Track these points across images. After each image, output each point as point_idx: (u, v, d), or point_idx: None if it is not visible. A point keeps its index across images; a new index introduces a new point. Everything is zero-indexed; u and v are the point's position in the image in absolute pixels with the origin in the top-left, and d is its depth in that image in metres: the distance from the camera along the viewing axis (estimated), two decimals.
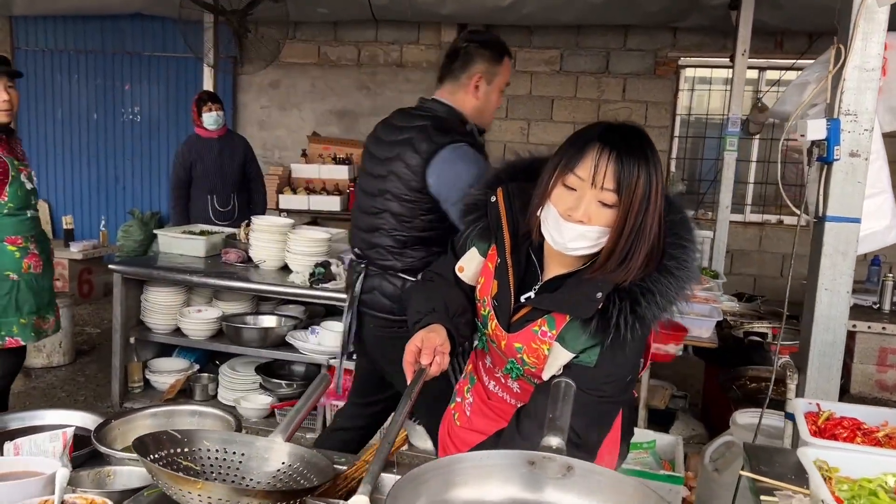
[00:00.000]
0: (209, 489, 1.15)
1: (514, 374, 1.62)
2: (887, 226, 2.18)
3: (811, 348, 2.02)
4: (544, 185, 1.46)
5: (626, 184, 1.37)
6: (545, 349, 1.49)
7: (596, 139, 1.40)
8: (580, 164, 1.39)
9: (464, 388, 1.81)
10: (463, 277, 1.65)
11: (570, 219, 1.40)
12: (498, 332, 1.57)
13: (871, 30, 1.88)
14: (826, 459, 1.36)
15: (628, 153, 1.38)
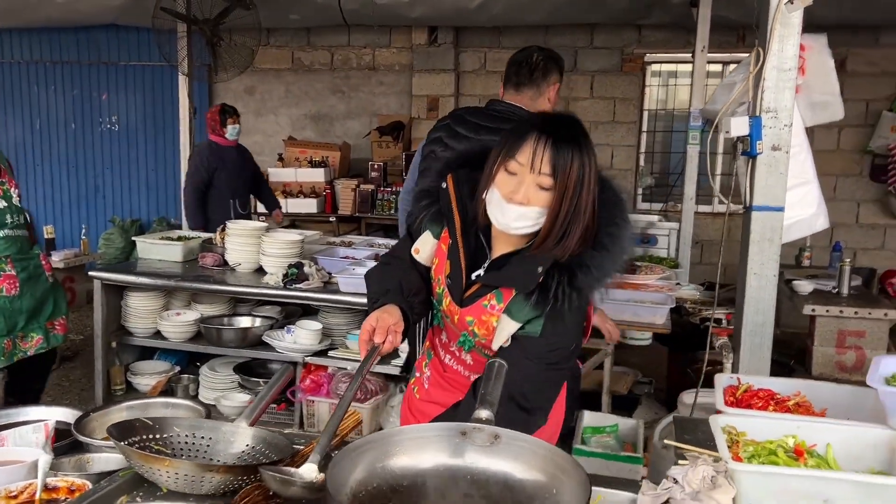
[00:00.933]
0: (176, 466, 1.29)
1: (467, 346, 1.75)
2: (813, 213, 2.34)
3: (743, 329, 2.18)
4: (489, 171, 1.61)
5: (560, 169, 1.52)
6: (493, 321, 1.63)
7: (534, 128, 1.55)
8: (520, 151, 1.55)
9: (422, 364, 1.94)
10: (419, 259, 1.78)
11: (512, 201, 1.55)
12: (451, 307, 1.70)
13: (786, 33, 2.04)
14: (735, 425, 1.52)
15: (563, 141, 1.53)
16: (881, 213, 7.03)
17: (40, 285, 3.16)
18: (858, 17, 6.29)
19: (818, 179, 2.37)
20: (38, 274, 3.16)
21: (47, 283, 3.21)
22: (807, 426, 1.49)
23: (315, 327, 3.70)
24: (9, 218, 3.04)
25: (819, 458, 1.43)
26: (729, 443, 1.45)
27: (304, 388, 3.63)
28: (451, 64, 7.48)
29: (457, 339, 1.77)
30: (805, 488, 1.28)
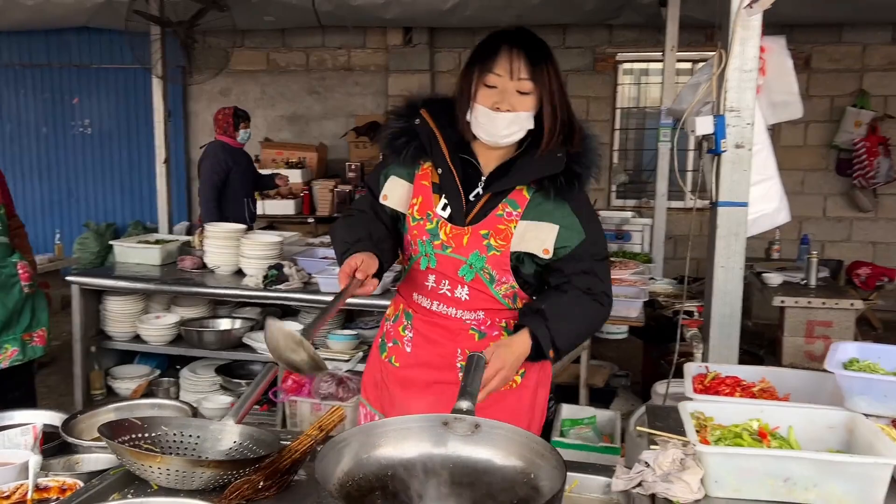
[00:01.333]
0: (167, 462, 1.33)
1: (470, 274, 1.74)
2: (776, 208, 2.44)
3: (712, 320, 2.27)
4: (467, 92, 1.69)
5: (538, 71, 1.64)
6: (512, 227, 1.70)
7: (503, 40, 1.67)
8: (496, 64, 1.65)
9: (398, 329, 1.89)
10: (389, 204, 1.82)
11: (499, 110, 1.65)
12: (455, 232, 1.72)
13: (747, 36, 2.13)
14: (703, 411, 1.59)
15: (532, 46, 1.66)
16: (847, 207, 7.21)
17: (13, 295, 3.05)
18: (821, 14, 6.45)
19: (782, 175, 2.47)
20: (12, 283, 3.05)
21: (21, 294, 3.08)
22: (770, 410, 1.56)
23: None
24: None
25: (781, 439, 1.50)
26: (697, 427, 1.53)
27: (286, 388, 3.67)
28: (426, 64, 7.54)
29: (457, 271, 1.75)
30: (767, 467, 1.35)
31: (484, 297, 1.76)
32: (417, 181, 1.79)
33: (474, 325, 1.80)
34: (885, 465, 1.31)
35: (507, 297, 1.77)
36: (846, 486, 1.32)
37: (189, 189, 8.39)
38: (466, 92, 1.69)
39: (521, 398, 1.84)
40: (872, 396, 1.54)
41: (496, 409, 1.74)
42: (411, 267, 1.83)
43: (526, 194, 1.72)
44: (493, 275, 1.73)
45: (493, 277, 1.73)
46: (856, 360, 1.70)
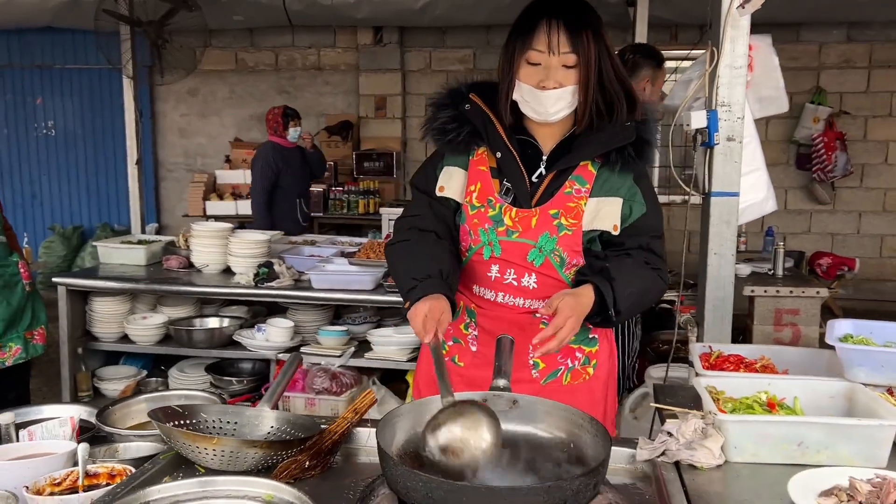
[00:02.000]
0: (223, 443, 1.38)
1: (540, 258, 1.68)
2: (764, 197, 2.58)
3: (706, 303, 2.39)
4: (509, 71, 1.64)
5: (580, 43, 1.58)
6: (583, 204, 1.66)
7: (541, 14, 1.60)
8: (535, 40, 1.59)
9: (460, 326, 1.82)
10: (448, 195, 1.74)
11: (545, 88, 1.60)
12: (521, 215, 1.67)
13: (736, 35, 2.25)
14: (715, 385, 1.70)
15: (572, 16, 1.59)
16: (807, 200, 7.49)
17: (17, 294, 3.09)
18: (780, 14, 6.68)
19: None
20: (15, 282, 3.09)
21: (24, 292, 3.13)
22: (777, 383, 1.68)
23: (287, 325, 3.77)
24: None
25: (788, 409, 1.62)
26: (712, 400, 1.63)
27: None
28: (396, 63, 7.59)
29: (525, 256, 1.68)
30: (782, 433, 1.46)
31: (553, 283, 1.70)
32: (473, 167, 1.73)
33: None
34: (888, 426, 1.43)
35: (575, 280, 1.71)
36: (854, 447, 1.44)
37: (158, 190, 8.30)
38: (509, 70, 1.64)
39: (594, 390, 1.83)
40: (870, 367, 1.67)
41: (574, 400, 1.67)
42: (470, 258, 1.75)
43: (592, 169, 1.67)
44: (563, 257, 1.68)
45: (564, 260, 1.69)
46: (850, 336, 1.83)
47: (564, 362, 1.81)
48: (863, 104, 7.24)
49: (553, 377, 1.80)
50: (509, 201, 1.69)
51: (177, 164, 8.29)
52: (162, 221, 8.27)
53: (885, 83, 7.22)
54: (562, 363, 1.81)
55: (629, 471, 1.56)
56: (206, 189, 7.13)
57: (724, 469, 1.47)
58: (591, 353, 1.83)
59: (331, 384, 3.57)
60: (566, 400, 1.61)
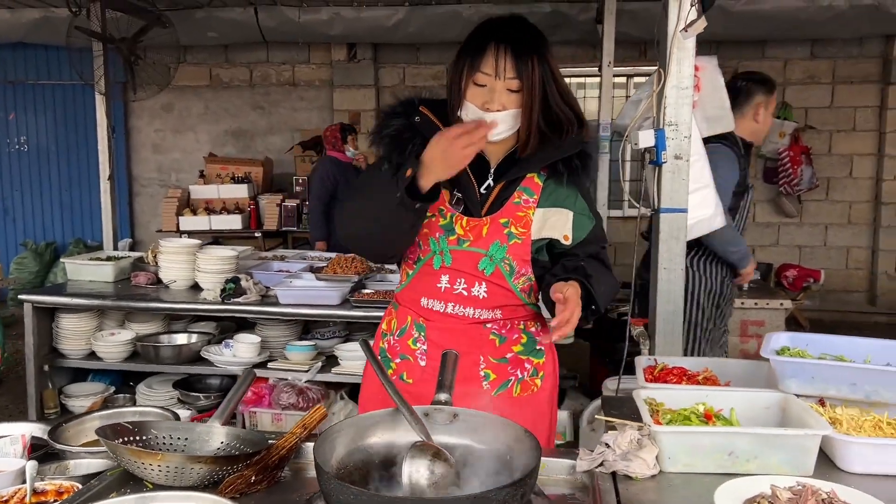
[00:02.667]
0: (167, 459, 1.41)
1: (490, 267, 1.72)
2: (712, 214, 2.65)
3: (657, 317, 2.46)
4: (457, 90, 1.69)
5: (524, 70, 1.64)
6: (531, 214, 1.72)
7: (490, 37, 1.65)
8: (483, 63, 1.64)
9: (408, 342, 1.82)
10: None
11: (489, 110, 1.65)
12: (472, 224, 1.72)
13: (682, 56, 2.33)
14: (654, 397, 1.76)
15: (519, 41, 1.65)
16: (774, 213, 7.63)
17: None
18: (746, 32, 6.85)
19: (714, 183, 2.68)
20: None
21: None
22: (714, 394, 1.74)
23: (254, 340, 3.79)
24: None
25: (725, 420, 1.68)
26: (650, 412, 1.69)
27: (246, 399, 3.71)
28: (370, 79, 7.66)
29: (475, 265, 1.72)
30: (714, 443, 1.52)
31: (503, 293, 1.74)
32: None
33: (494, 329, 1.78)
34: (813, 435, 1.49)
35: (524, 290, 1.78)
36: (782, 455, 1.50)
37: (132, 206, 8.28)
38: (458, 88, 1.69)
39: (541, 402, 1.88)
40: (802, 378, 1.73)
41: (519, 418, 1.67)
42: (419, 270, 1.78)
43: (538, 181, 1.74)
44: (513, 266, 1.73)
45: (513, 269, 1.73)
46: (787, 348, 1.89)
47: (514, 373, 1.85)
48: (827, 119, 7.41)
49: (503, 388, 1.84)
50: (460, 210, 1.74)
51: (151, 179, 8.28)
52: (136, 237, 8.25)
53: (848, 98, 7.39)
54: (512, 374, 1.84)
55: (569, 481, 1.60)
56: (180, 204, 7.13)
57: (658, 479, 1.52)
58: (539, 365, 1.88)
59: (297, 399, 3.59)
60: (515, 412, 1.69)
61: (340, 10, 6.90)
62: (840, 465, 1.54)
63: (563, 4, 6.72)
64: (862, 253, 7.54)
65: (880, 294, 7.50)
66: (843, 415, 1.65)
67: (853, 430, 1.59)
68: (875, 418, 1.63)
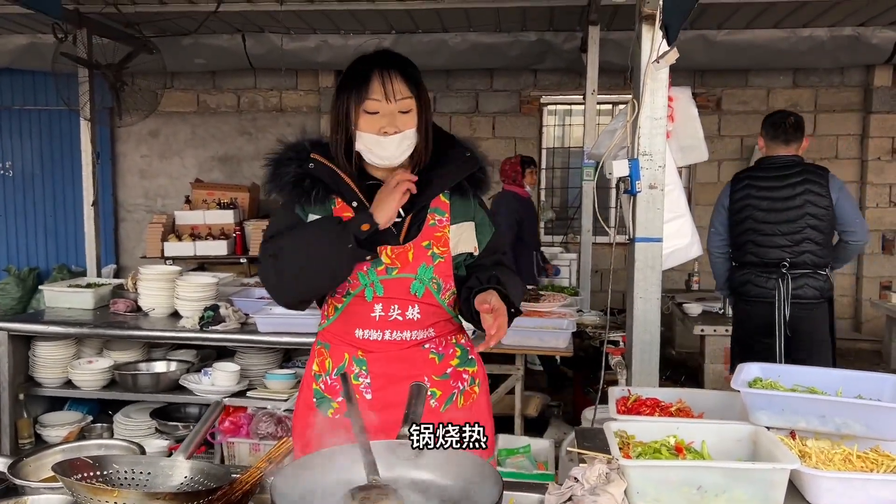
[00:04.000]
0: (123, 496, 1.38)
1: (421, 288, 1.76)
2: (688, 243, 2.66)
3: (634, 347, 2.45)
4: (345, 123, 1.72)
5: (413, 88, 1.71)
6: (447, 232, 1.79)
7: (373, 66, 1.70)
8: (371, 91, 1.68)
9: (350, 377, 1.79)
10: None
11: (387, 134, 1.70)
12: (397, 251, 1.75)
13: (656, 87, 2.35)
14: (626, 430, 1.74)
15: (402, 65, 1.72)
16: None
17: None
18: (729, 61, 6.94)
19: (698, 210, 2.69)
20: None
21: None
22: (685, 427, 1.72)
23: (233, 369, 3.75)
24: None
25: (696, 453, 1.66)
26: (621, 445, 1.67)
27: (224, 429, 3.66)
28: None
29: (408, 289, 1.76)
30: (682, 477, 1.50)
31: (434, 311, 1.80)
32: (338, 216, 1.76)
33: (433, 349, 1.83)
34: (781, 469, 1.47)
35: (450, 304, 1.83)
36: (750, 489, 1.48)
37: (117, 231, 8.25)
38: (346, 123, 1.72)
39: (482, 407, 1.94)
40: (772, 411, 1.72)
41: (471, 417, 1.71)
42: (349, 303, 1.79)
43: (444, 199, 1.81)
44: (440, 284, 1.78)
45: (440, 286, 1.79)
46: (759, 379, 1.88)
47: (456, 386, 1.88)
48: (810, 147, 7.44)
49: (449, 402, 1.87)
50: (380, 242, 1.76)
51: (137, 205, 8.25)
52: (121, 263, 8.20)
53: (830, 127, 7.48)
54: (454, 387, 1.88)
55: None
56: (165, 230, 7.10)
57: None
58: (474, 373, 1.92)
59: (276, 429, 3.55)
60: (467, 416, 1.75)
61: (328, 37, 6.95)
62: (809, 498, 1.52)
63: (548, 33, 6.79)
64: (846, 279, 7.56)
65: (865, 321, 7.52)
66: (812, 448, 1.64)
67: (822, 464, 1.58)
68: (845, 451, 1.62)
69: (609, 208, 7.22)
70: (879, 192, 7.47)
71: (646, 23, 2.32)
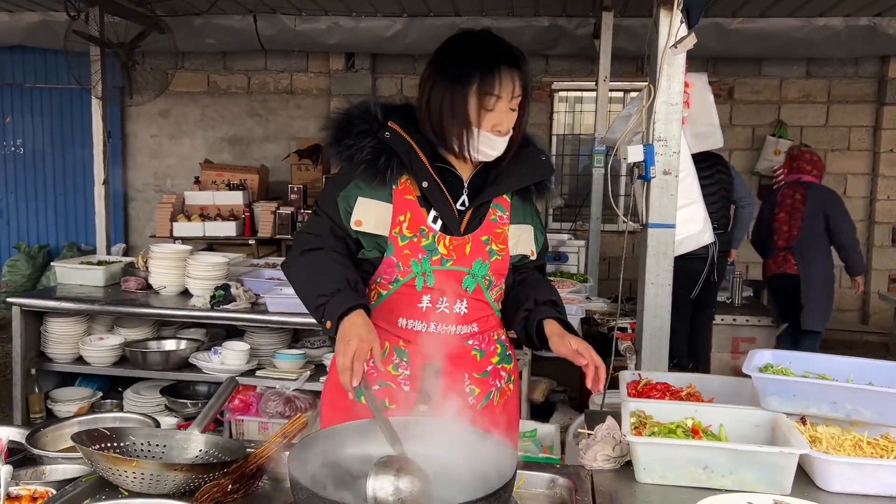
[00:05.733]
0: (142, 466, 1.40)
1: (472, 284, 1.71)
2: (700, 229, 2.66)
3: (644, 332, 2.45)
4: (462, 112, 1.61)
5: (526, 88, 1.66)
6: (507, 230, 1.75)
7: (501, 61, 1.61)
8: (497, 86, 1.60)
9: (388, 368, 1.73)
10: (366, 230, 1.68)
11: (501, 133, 1.64)
12: (455, 243, 1.68)
13: (672, 72, 2.34)
14: (644, 409, 1.75)
15: (522, 63, 1.65)
16: None
17: None
18: (742, 50, 6.89)
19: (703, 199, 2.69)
20: None
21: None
22: (703, 410, 1.74)
23: (242, 348, 3.78)
24: None
25: (712, 436, 1.67)
26: (637, 424, 1.68)
27: (233, 408, 3.70)
28: (368, 89, 7.67)
29: (459, 283, 1.70)
30: (689, 456, 1.51)
31: (480, 306, 1.75)
32: (399, 197, 1.68)
33: (476, 345, 1.77)
34: (789, 454, 1.49)
35: (497, 300, 1.80)
36: (758, 473, 1.49)
37: (126, 210, 8.27)
38: (461, 111, 1.62)
39: (514, 405, 1.93)
40: (783, 396, 1.73)
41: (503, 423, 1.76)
42: (396, 290, 1.71)
43: (507, 198, 1.75)
44: (492, 280, 1.74)
45: (492, 283, 1.75)
46: (770, 366, 1.89)
47: (494, 384, 1.85)
48: (822, 138, 7.43)
49: (486, 400, 1.83)
50: (438, 229, 1.69)
51: (146, 184, 8.27)
52: (130, 242, 8.23)
53: (842, 118, 7.43)
54: (492, 385, 1.84)
55: (548, 496, 1.60)
56: (175, 210, 7.11)
57: (636, 493, 1.52)
58: (511, 370, 1.90)
59: (284, 408, 3.58)
60: (497, 419, 1.71)
61: (339, 19, 6.92)
62: (819, 483, 1.54)
63: (561, 19, 6.75)
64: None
65: (872, 313, 7.50)
66: (823, 433, 1.65)
67: (833, 449, 1.59)
68: (855, 437, 1.63)
69: (620, 196, 7.21)
70: (891, 185, 7.43)
71: (664, 7, 2.31)
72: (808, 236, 5.01)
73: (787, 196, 5.16)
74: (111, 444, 1.57)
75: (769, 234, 5.22)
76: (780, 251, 5.11)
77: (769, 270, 5.25)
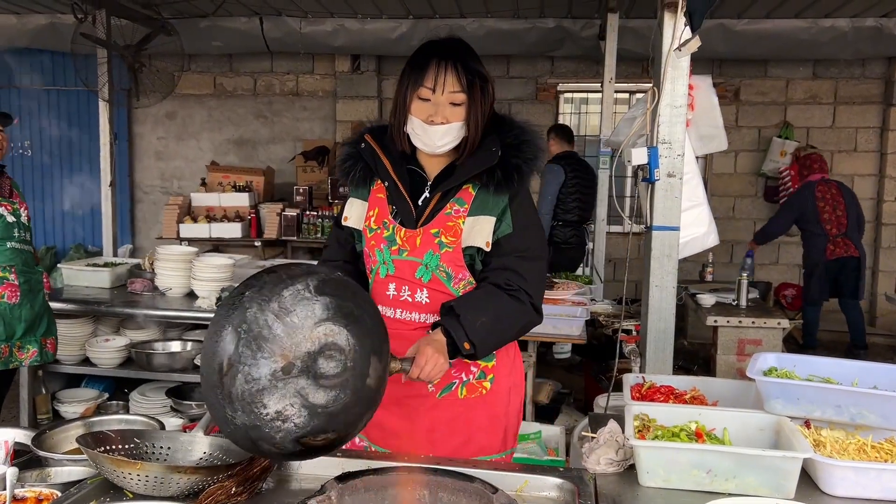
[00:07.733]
0: (147, 469, 1.41)
1: (427, 274, 1.81)
2: (705, 232, 2.65)
3: (648, 335, 2.45)
4: (402, 105, 1.80)
5: (467, 83, 1.74)
6: (461, 223, 1.79)
7: (433, 55, 1.76)
8: (427, 78, 1.74)
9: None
10: (350, 224, 1.93)
11: (433, 123, 1.75)
12: (409, 235, 1.81)
13: (677, 75, 2.34)
14: (648, 413, 1.75)
15: (462, 58, 1.75)
16: None
17: (39, 300, 3.28)
18: (748, 51, 6.87)
19: (714, 201, 2.68)
20: (39, 289, 3.29)
21: (44, 300, 3.33)
22: (707, 413, 1.73)
23: None
24: (16, 232, 3.22)
25: (717, 439, 1.66)
26: (641, 428, 1.68)
27: None
28: (373, 91, 7.69)
29: (414, 273, 1.81)
30: (692, 460, 1.51)
31: (444, 297, 1.81)
32: (373, 196, 1.89)
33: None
34: (793, 458, 1.48)
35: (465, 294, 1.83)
36: (761, 477, 1.49)
37: (133, 212, 8.31)
38: (402, 104, 1.80)
39: (493, 405, 1.91)
40: (787, 399, 1.72)
41: (469, 418, 1.86)
42: (373, 280, 1.89)
43: (472, 191, 1.81)
44: (449, 272, 1.81)
45: (450, 275, 1.81)
46: (774, 369, 1.89)
47: (459, 376, 1.88)
48: (828, 139, 7.41)
49: (448, 391, 1.88)
50: (398, 222, 1.84)
51: (153, 186, 8.31)
52: (137, 243, 8.26)
53: (849, 119, 7.40)
54: (456, 377, 1.88)
55: (551, 499, 1.60)
56: (181, 211, 7.15)
57: (639, 496, 1.52)
58: (487, 368, 1.90)
59: None
60: (463, 413, 1.83)
61: (344, 21, 6.94)
62: (823, 488, 1.53)
63: (567, 20, 6.75)
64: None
65: (879, 315, 7.47)
66: (827, 437, 1.64)
67: (837, 453, 1.58)
68: (860, 441, 1.62)
69: (625, 197, 7.20)
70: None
71: (668, 10, 2.31)
72: (853, 224, 6.15)
73: (825, 192, 6.17)
74: (116, 446, 1.58)
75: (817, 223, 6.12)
76: (836, 237, 6.10)
77: (830, 254, 6.13)
